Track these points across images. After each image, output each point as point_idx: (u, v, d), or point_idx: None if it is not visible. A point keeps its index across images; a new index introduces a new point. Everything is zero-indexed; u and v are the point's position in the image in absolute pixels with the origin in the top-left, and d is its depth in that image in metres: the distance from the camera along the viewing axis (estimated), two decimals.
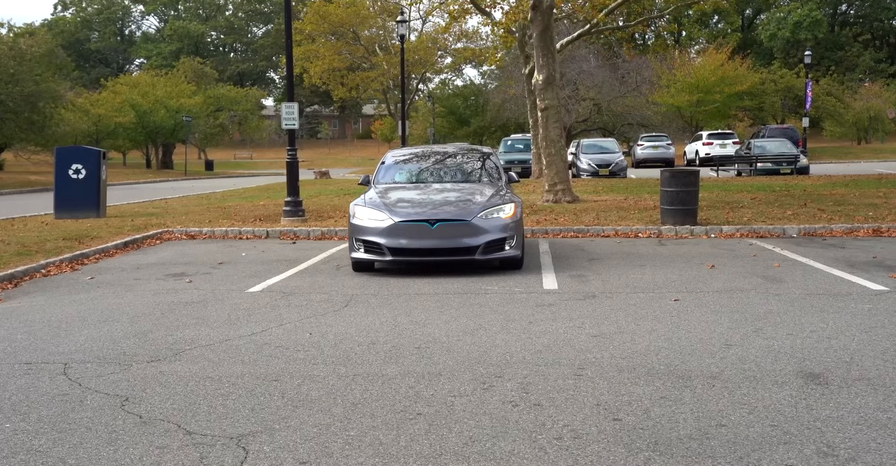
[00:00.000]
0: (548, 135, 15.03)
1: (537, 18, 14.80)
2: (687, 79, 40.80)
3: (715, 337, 5.51)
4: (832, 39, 73.74)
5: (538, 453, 3.55)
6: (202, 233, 12.70)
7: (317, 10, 49.93)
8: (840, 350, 5.13)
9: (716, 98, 40.73)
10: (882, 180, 19.64)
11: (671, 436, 3.73)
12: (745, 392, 4.33)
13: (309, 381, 4.62)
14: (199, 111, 44.46)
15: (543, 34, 14.87)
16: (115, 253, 10.78)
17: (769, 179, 22.37)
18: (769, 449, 3.54)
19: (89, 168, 14.37)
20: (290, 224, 13.44)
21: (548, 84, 14.97)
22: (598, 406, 4.17)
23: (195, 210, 16.36)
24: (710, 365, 4.85)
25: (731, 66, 41.05)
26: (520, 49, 23.65)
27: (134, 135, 43.41)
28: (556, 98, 15.16)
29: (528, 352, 5.23)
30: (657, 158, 37.25)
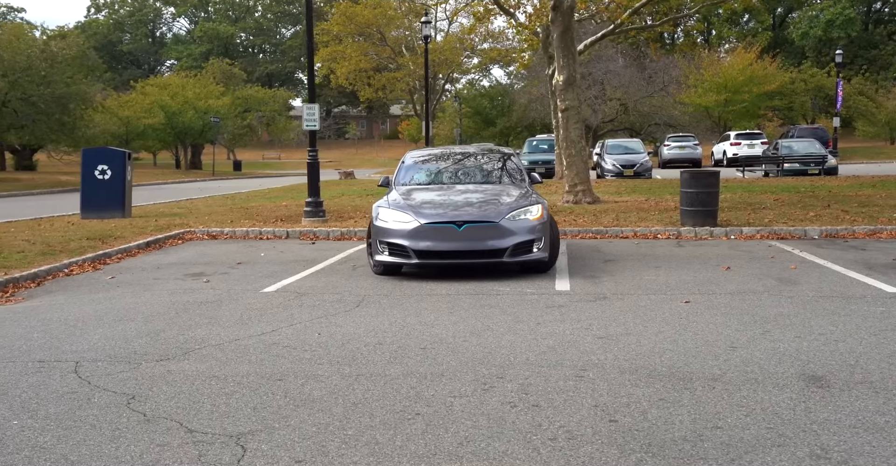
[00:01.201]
0: (568, 136, 15.01)
1: (558, 19, 14.79)
2: (715, 78, 40.39)
3: (721, 340, 5.49)
4: (866, 38, 72.49)
5: (531, 453, 3.58)
6: (224, 233, 12.87)
7: (343, 11, 50.28)
8: (846, 353, 5.09)
9: (744, 98, 40.29)
10: None
11: (665, 438, 3.74)
12: (745, 395, 4.32)
13: (313, 381, 4.69)
14: (226, 112, 44.94)
15: (564, 35, 14.85)
16: (137, 252, 10.97)
17: (795, 180, 22.10)
18: (762, 452, 3.54)
19: (115, 169, 14.62)
20: (310, 224, 13.57)
21: (568, 85, 14.95)
22: (596, 407, 4.18)
23: (218, 210, 16.57)
24: (713, 368, 4.84)
25: (759, 66, 40.55)
26: (543, 50, 23.59)
27: (163, 136, 44.01)
28: (576, 99, 15.12)
29: (532, 353, 5.26)
30: (684, 159, 36.97)
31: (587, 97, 45.27)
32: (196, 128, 43.50)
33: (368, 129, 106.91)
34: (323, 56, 51.69)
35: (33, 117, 29.57)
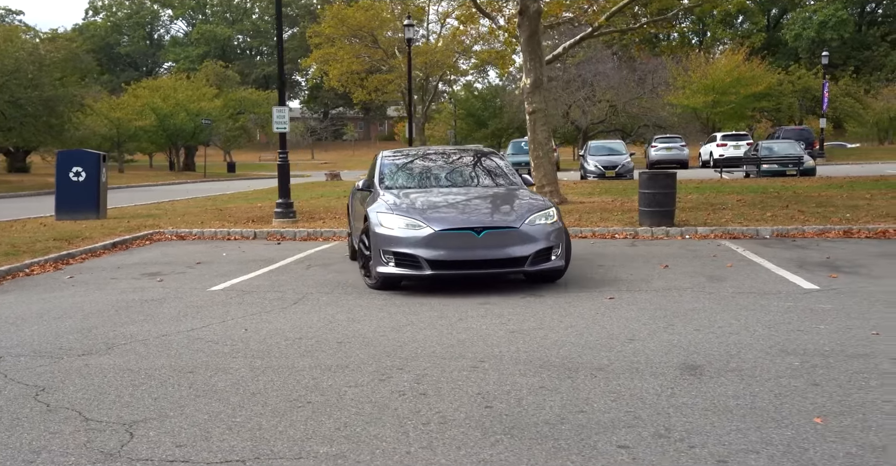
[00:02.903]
0: (535, 138, 15.28)
1: (524, 23, 15.07)
2: (702, 80, 40.66)
3: (624, 333, 5.76)
4: (859, 39, 72.78)
5: (400, 436, 3.84)
6: (192, 234, 13.14)
7: (336, 13, 50.49)
8: (732, 344, 5.35)
9: (731, 99, 40.54)
10: (880, 181, 19.54)
11: (530, 421, 4.00)
12: (621, 383, 4.58)
13: (221, 373, 4.96)
14: (218, 114, 45.22)
15: (531, 39, 15.12)
16: (102, 253, 11.24)
17: (769, 181, 22.36)
18: (611, 432, 3.81)
19: (89, 170, 14.90)
20: (280, 225, 13.84)
21: (535, 88, 15.22)
22: (479, 395, 4.45)
23: (194, 211, 16.84)
24: (603, 358, 5.10)
25: (746, 68, 40.82)
26: None
27: (155, 138, 44.32)
28: (543, 101, 15.40)
29: (441, 347, 5.52)
30: (671, 160, 37.25)
31: (577, 99, 45.60)
32: (188, 130, 43.82)
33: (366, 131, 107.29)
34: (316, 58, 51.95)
35: (20, 120, 29.91)
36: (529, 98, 15.34)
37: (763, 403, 4.21)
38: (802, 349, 5.24)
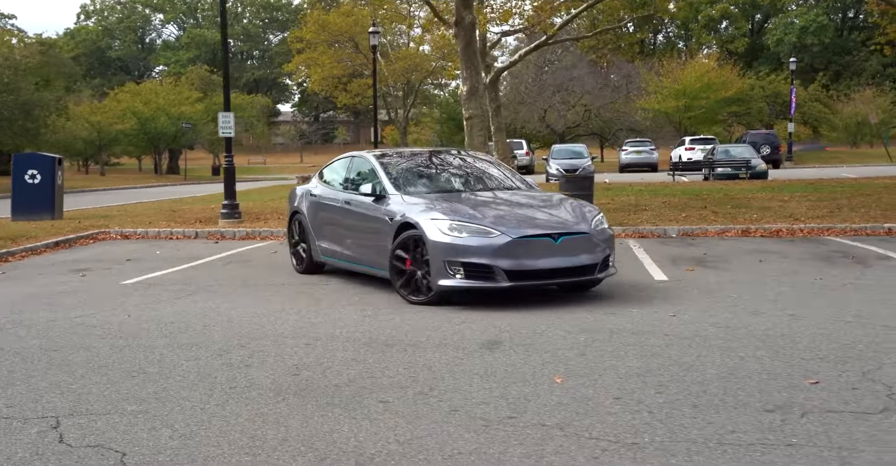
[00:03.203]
0: (472, 144, 15.97)
1: (460, 34, 15.78)
2: (674, 85, 41.45)
3: (459, 316, 6.46)
4: (840, 44, 73.71)
5: (204, 397, 4.53)
6: (136, 233, 13.82)
7: (316, 19, 51.27)
8: (546, 325, 6.07)
9: (702, 103, 41.33)
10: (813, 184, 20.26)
11: (322, 385, 4.70)
12: (423, 355, 5.29)
13: (82, 351, 5.65)
14: (199, 118, 45.91)
15: (466, 48, 15.83)
16: (43, 251, 11.92)
17: (716, 184, 23.09)
18: (384, 392, 4.52)
19: (44, 173, 15.59)
20: (225, 225, 14.52)
21: (472, 95, 15.92)
22: (295, 366, 5.15)
23: (148, 212, 17.54)
24: (423, 336, 5.81)
25: (716, 73, 41.63)
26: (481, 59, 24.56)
27: (136, 141, 45.03)
28: (479, 108, 16.09)
29: (293, 329, 6.22)
30: (641, 163, 38.01)
31: (552, 103, 46.36)
32: (169, 133, 44.53)
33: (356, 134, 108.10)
34: (298, 63, 52.73)
35: None
36: (466, 104, 16.05)
37: (525, 368, 4.93)
38: (598, 328, 5.96)
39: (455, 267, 6.70)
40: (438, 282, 6.76)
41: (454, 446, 3.72)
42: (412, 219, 7.07)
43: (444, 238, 6.76)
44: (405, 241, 7.10)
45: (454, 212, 7.02)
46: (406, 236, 7.11)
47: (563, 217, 7.19)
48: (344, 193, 8.47)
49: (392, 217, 7.35)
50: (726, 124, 45.87)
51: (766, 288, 7.48)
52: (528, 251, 6.68)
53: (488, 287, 6.71)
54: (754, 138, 37.55)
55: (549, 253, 6.75)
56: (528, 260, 6.68)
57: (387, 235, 7.37)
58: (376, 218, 7.65)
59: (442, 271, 6.73)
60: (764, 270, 8.62)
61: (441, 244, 6.75)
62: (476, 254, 6.64)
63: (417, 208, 7.22)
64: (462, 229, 6.78)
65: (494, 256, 6.61)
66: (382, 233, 7.47)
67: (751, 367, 4.89)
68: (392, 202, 7.58)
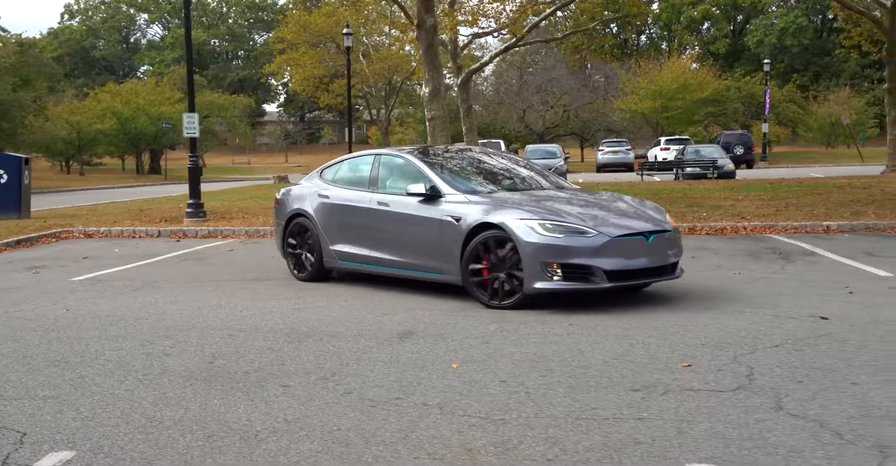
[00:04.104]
0: (434, 143, 16.31)
1: (422, 36, 16.11)
2: (650, 86, 41.93)
3: (380, 307, 6.77)
4: (819, 45, 74.50)
5: (116, 383, 4.81)
6: (100, 232, 14.05)
7: (297, 19, 51.48)
8: (459, 315, 6.39)
9: (678, 104, 41.83)
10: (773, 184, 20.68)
11: (232, 371, 5.00)
12: (338, 344, 5.60)
13: (11, 342, 5.92)
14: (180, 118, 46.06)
15: (428, 51, 16.17)
16: (3, 249, 12.14)
17: (677, 183, 23.50)
18: (289, 378, 4.82)
19: (11, 173, 15.80)
20: (190, 224, 14.77)
21: (433, 96, 16.27)
22: (213, 355, 5.44)
23: (115, 212, 17.76)
24: (342, 328, 6.12)
25: (692, 74, 42.14)
26: (451, 60, 24.93)
27: (116, 141, 45.16)
28: (441, 109, 16.45)
29: (221, 321, 6.50)
30: (617, 163, 38.49)
31: (531, 103, 46.77)
32: (149, 133, 44.69)
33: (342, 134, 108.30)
34: (279, 63, 52.94)
35: None
36: (428, 106, 16.39)
37: (429, 355, 5.25)
38: (509, 319, 6.28)
39: (552, 269, 6.37)
40: (534, 285, 6.41)
41: (337, 423, 4.03)
42: (494, 220, 6.62)
43: (540, 238, 6.41)
44: (483, 243, 6.68)
45: (546, 212, 6.69)
46: (484, 238, 6.68)
47: (649, 214, 7.06)
48: (375, 194, 7.84)
49: (458, 218, 6.88)
50: (703, 125, 46.40)
51: (681, 282, 7.76)
52: (624, 250, 6.47)
53: (587, 288, 6.46)
54: (728, 139, 38.08)
55: (641, 252, 6.57)
56: (625, 260, 6.46)
57: (449, 237, 6.92)
58: (430, 219, 7.13)
59: (538, 273, 6.38)
60: (692, 265, 8.95)
61: (536, 245, 6.39)
62: (576, 255, 6.35)
63: (492, 208, 6.80)
64: (557, 229, 6.46)
65: (594, 256, 6.34)
66: (444, 235, 6.97)
67: (637, 353, 5.23)
68: (450, 202, 7.09)
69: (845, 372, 4.63)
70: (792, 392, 4.29)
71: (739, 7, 79.13)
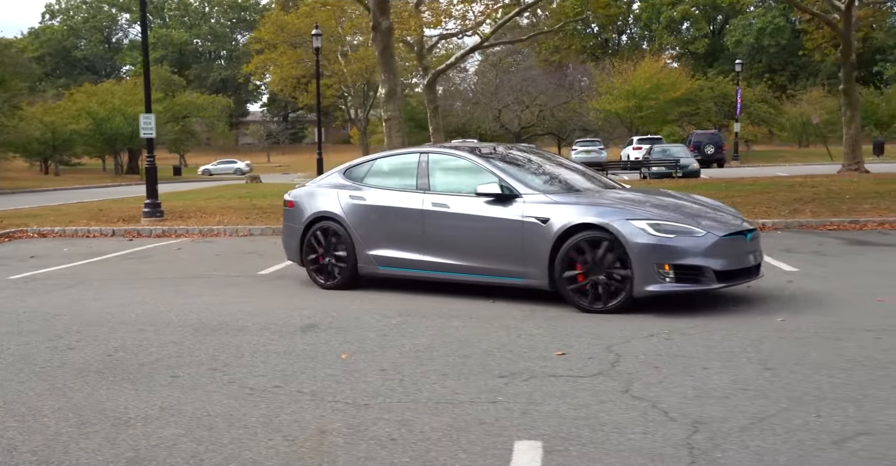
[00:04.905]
0: (391, 144, 16.53)
1: (378, 38, 16.31)
2: (624, 86, 42.29)
3: (293, 303, 6.99)
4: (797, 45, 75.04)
5: (10, 375, 4.99)
6: (54, 231, 14.19)
7: (275, 20, 51.54)
8: (367, 309, 6.61)
9: (652, 104, 42.21)
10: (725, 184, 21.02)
11: (128, 364, 5.18)
12: (241, 337, 5.79)
13: None
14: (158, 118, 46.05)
15: (384, 52, 16.37)
16: None
17: (640, 182, 23.82)
18: (181, 369, 5.02)
19: None
20: (147, 223, 14.92)
21: (390, 97, 16.48)
22: (114, 348, 5.62)
23: (74, 211, 17.89)
24: (251, 322, 6.32)
25: (665, 74, 42.53)
26: (418, 60, 25.15)
27: (92, 141, 45.14)
28: (398, 110, 16.65)
29: (137, 316, 6.69)
30: (590, 162, 38.68)
31: (507, 103, 47.06)
32: (125, 133, 44.67)
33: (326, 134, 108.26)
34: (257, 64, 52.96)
35: None
36: (385, 106, 16.59)
37: (324, 347, 5.46)
38: (414, 312, 6.51)
39: (664, 271, 6.12)
40: (646, 288, 6.14)
41: (209, 410, 4.24)
42: (596, 221, 6.29)
43: (651, 239, 6.14)
44: (578, 245, 6.35)
45: (651, 212, 6.43)
46: (580, 240, 6.33)
47: (732, 212, 7.01)
48: (427, 195, 7.34)
49: (545, 219, 6.52)
50: (677, 124, 46.84)
51: None
52: (729, 250, 6.29)
53: (698, 290, 6.26)
54: (699, 138, 38.47)
55: (743, 251, 6.44)
56: (729, 260, 6.29)
57: (533, 239, 6.55)
58: (507, 220, 6.74)
59: (651, 275, 6.12)
60: None
61: (648, 246, 6.13)
62: (688, 256, 6.12)
63: (587, 209, 6.46)
64: (667, 229, 6.22)
65: (705, 257, 6.14)
66: (527, 237, 6.60)
67: (520, 343, 5.46)
68: (531, 202, 6.71)
69: (702, 359, 4.89)
70: (644, 377, 4.54)
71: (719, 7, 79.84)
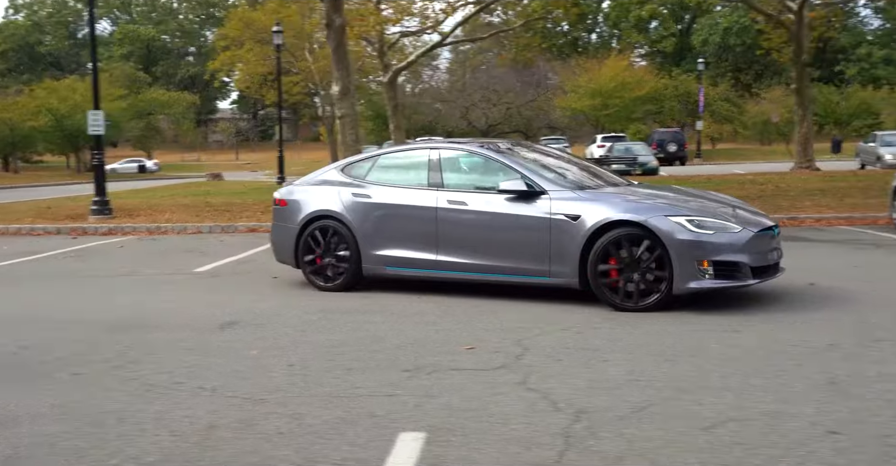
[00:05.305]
0: (344, 141, 16.50)
1: (331, 36, 16.22)
2: (589, 84, 42.59)
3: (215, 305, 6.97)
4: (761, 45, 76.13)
5: None
6: None
7: (241, 16, 51.15)
8: (292, 306, 6.62)
9: (616, 102, 42.55)
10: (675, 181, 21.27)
11: (30, 361, 5.14)
12: (158, 336, 5.77)
13: None
14: (121, 115, 45.54)
15: (338, 50, 16.30)
16: None
17: None
18: (83, 366, 4.97)
19: None
20: (94, 221, 14.75)
21: (343, 95, 16.43)
22: (24, 346, 5.55)
23: (21, 209, 17.62)
24: (171, 320, 6.30)
25: (630, 73, 42.90)
26: (379, 58, 25.12)
27: (52, 138, 44.51)
28: (351, 107, 16.60)
29: (65, 314, 6.65)
30: None
31: (474, 100, 47.17)
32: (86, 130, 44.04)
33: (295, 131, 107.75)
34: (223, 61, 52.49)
35: None
36: (338, 104, 16.55)
37: (237, 344, 5.44)
38: (336, 309, 6.52)
39: (703, 268, 6.01)
40: (688, 285, 6.01)
41: (102, 406, 4.21)
42: (633, 218, 6.15)
43: (692, 236, 6.03)
44: (613, 243, 6.17)
45: (687, 208, 6.34)
46: (615, 237, 6.17)
47: (752, 208, 7.01)
48: (441, 192, 7.06)
49: (576, 216, 6.33)
50: (643, 122, 47.28)
51: None
52: (761, 245, 6.24)
53: (736, 286, 6.18)
54: (662, 136, 38.88)
55: (769, 247, 6.39)
56: (762, 255, 6.26)
57: (563, 237, 6.34)
58: (533, 217, 6.52)
59: (691, 272, 5.99)
60: None
61: (689, 243, 6.02)
62: (727, 252, 6.04)
63: (621, 205, 6.33)
64: (706, 225, 6.13)
65: (742, 252, 6.08)
66: (556, 235, 6.39)
67: (435, 337, 5.49)
68: (558, 199, 6.50)
69: (605, 351, 4.96)
70: (544, 369, 4.60)
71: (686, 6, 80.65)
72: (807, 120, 24.45)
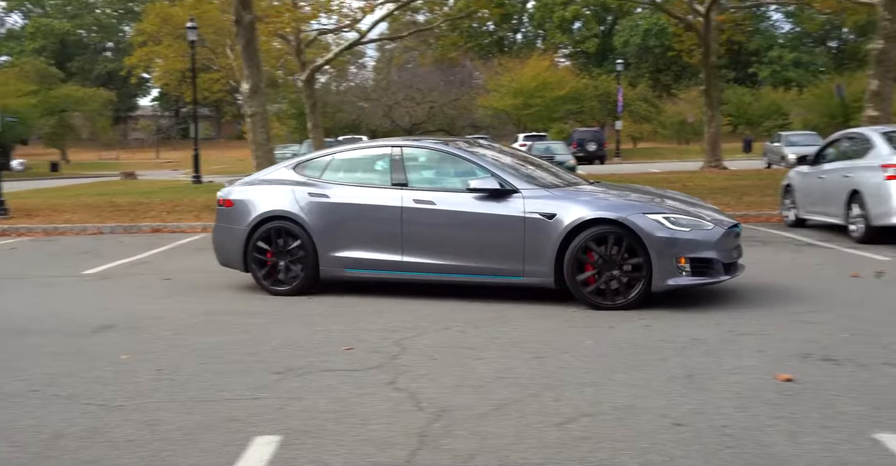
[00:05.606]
0: (255, 139, 16.23)
1: (241, 32, 15.95)
2: (511, 84, 42.99)
3: (94, 307, 6.73)
4: None
5: None
6: None
7: (158, 12, 49.76)
8: (179, 308, 6.44)
9: (538, 102, 43.06)
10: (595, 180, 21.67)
11: None
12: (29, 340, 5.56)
13: None
14: (29, 112, 43.74)
15: (248, 47, 16.03)
16: None
17: None
18: None
19: None
20: None
21: (253, 93, 16.15)
22: None
23: None
24: (47, 324, 6.04)
25: (551, 72, 43.49)
26: (295, 55, 24.81)
27: None
28: (261, 106, 16.34)
29: None
30: None
31: (398, 99, 47.07)
32: None
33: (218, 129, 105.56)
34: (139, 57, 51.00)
35: None
36: (249, 102, 16.26)
37: (109, 348, 5.26)
38: (224, 310, 6.38)
39: (681, 265, 6.01)
40: (667, 283, 6.00)
41: None
42: (611, 216, 6.06)
43: (670, 233, 6.01)
44: (590, 241, 6.08)
45: (663, 206, 6.34)
46: (592, 235, 6.08)
47: (711, 206, 7.06)
48: (406, 191, 6.80)
49: (551, 215, 6.21)
50: (564, 121, 47.99)
51: None
52: (729, 242, 6.28)
53: (709, 282, 6.19)
54: (582, 135, 39.53)
55: (734, 244, 6.42)
56: (729, 252, 6.29)
57: (538, 236, 6.22)
58: (506, 216, 6.37)
59: (670, 270, 5.98)
60: None
61: (667, 240, 5.99)
62: (702, 249, 6.05)
63: (597, 203, 6.25)
64: (681, 222, 6.11)
65: (714, 249, 6.09)
66: (531, 234, 6.26)
67: (315, 338, 5.41)
68: (531, 197, 6.37)
69: (481, 350, 4.97)
70: (416, 369, 4.57)
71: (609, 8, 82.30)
72: (715, 120, 25.22)
